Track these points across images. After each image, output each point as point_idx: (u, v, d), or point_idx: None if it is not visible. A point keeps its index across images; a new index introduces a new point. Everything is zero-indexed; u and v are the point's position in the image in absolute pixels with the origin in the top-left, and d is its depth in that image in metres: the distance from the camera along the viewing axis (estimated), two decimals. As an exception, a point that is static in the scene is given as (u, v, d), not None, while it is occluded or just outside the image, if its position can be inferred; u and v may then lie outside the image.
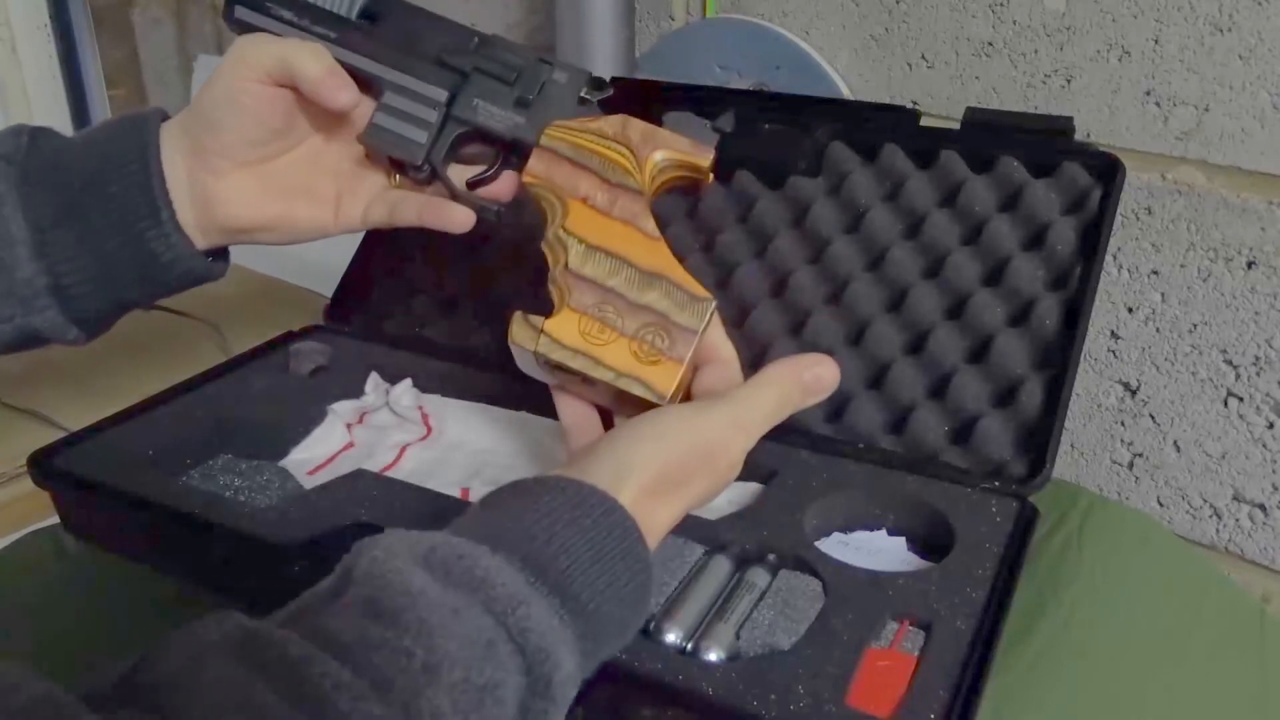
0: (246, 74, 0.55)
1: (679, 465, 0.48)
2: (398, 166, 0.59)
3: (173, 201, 0.55)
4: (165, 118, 0.57)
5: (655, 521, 0.47)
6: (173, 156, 0.56)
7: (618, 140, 0.56)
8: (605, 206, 0.55)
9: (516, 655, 0.38)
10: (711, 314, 0.54)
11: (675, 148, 0.56)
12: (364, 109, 0.58)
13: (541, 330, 0.54)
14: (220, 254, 0.60)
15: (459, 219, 0.59)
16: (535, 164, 0.57)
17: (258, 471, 0.68)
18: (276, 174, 0.58)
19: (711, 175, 0.58)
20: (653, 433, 0.49)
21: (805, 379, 0.53)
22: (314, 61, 0.55)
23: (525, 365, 0.56)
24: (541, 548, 0.41)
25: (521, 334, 0.54)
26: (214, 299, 1.06)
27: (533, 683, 0.39)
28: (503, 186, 0.60)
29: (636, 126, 0.57)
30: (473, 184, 0.59)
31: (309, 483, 0.68)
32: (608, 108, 0.58)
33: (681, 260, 0.79)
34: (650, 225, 0.55)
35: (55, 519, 0.69)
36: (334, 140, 0.60)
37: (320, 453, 0.72)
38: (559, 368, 0.54)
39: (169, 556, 0.63)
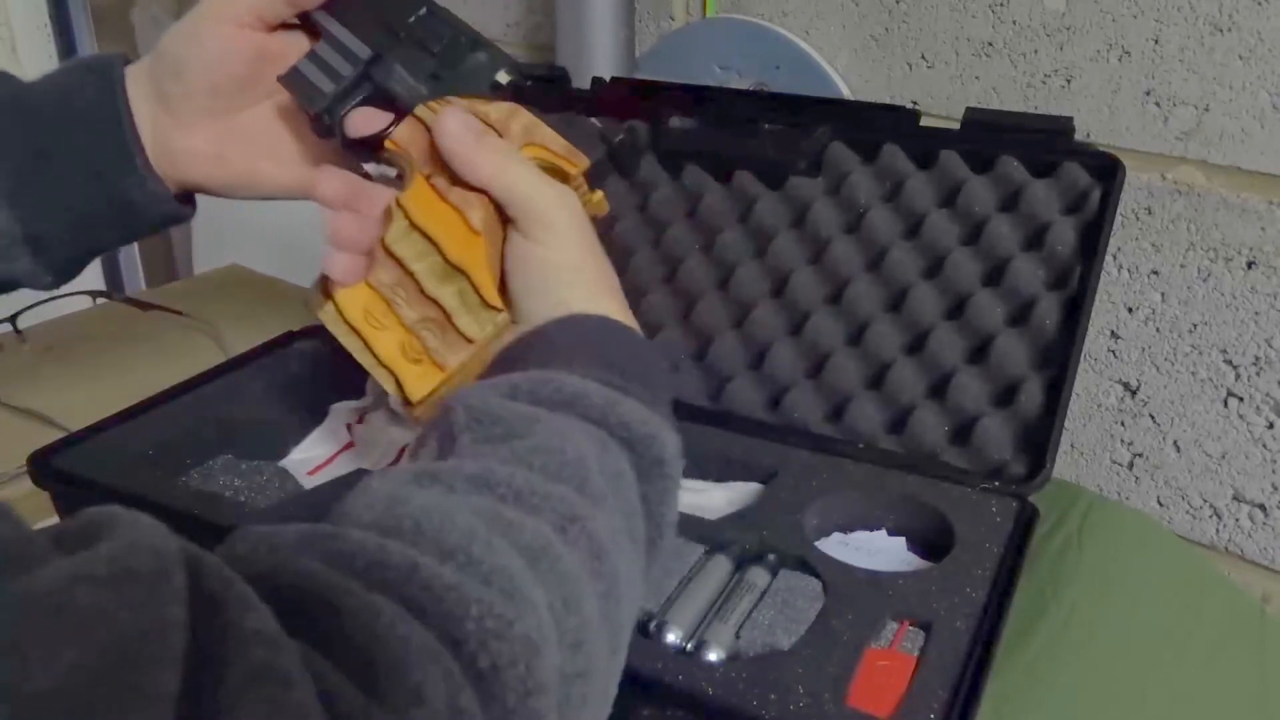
0: (223, 13, 0.54)
1: (579, 268, 0.51)
2: (303, 114, 0.58)
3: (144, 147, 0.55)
4: (127, 62, 0.57)
5: (611, 307, 0.51)
6: (138, 102, 0.55)
7: (495, 127, 0.54)
8: (443, 189, 0.52)
9: (624, 449, 0.42)
10: (500, 330, 0.51)
11: (549, 147, 0.53)
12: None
13: (331, 298, 0.52)
14: (188, 198, 0.59)
15: (362, 172, 0.58)
16: (402, 131, 0.55)
17: (258, 471, 0.68)
18: (240, 131, 0.58)
19: (598, 194, 0.55)
20: (541, 274, 0.50)
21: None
22: None
23: None
24: (596, 361, 0.46)
25: (314, 298, 0.53)
26: (214, 299, 1.06)
27: (644, 470, 0.43)
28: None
29: (522, 118, 0.54)
30: (360, 143, 0.57)
31: (309, 483, 0.68)
32: (532, 98, 0.56)
33: (679, 261, 0.79)
34: (478, 216, 0.51)
35: (55, 519, 0.69)
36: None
37: (320, 453, 0.72)
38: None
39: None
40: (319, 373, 0.80)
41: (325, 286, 0.53)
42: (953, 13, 0.86)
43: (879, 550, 0.63)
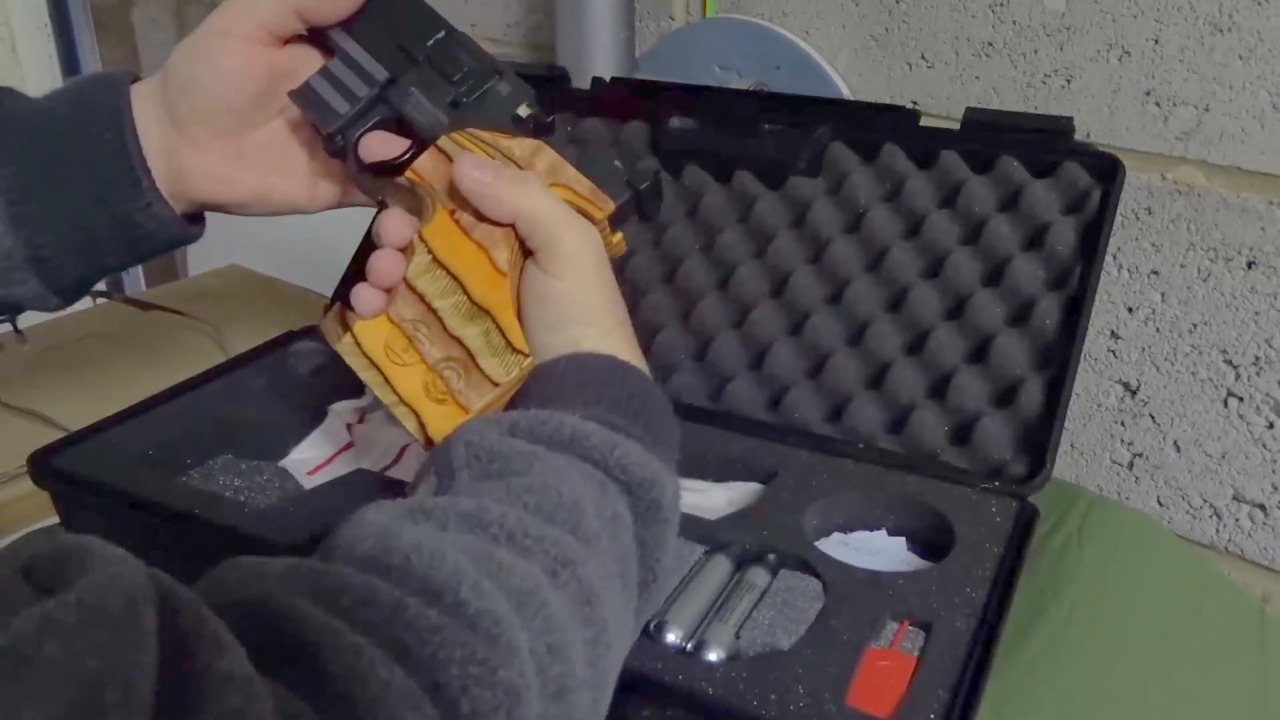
0: (233, 29, 0.53)
1: (589, 304, 0.50)
2: (316, 132, 0.57)
3: (150, 169, 0.54)
4: (135, 79, 0.55)
5: (621, 347, 0.50)
6: (147, 122, 0.54)
7: (519, 165, 0.53)
8: (468, 225, 0.51)
9: (623, 494, 0.43)
10: (525, 374, 0.50)
11: (574, 188, 0.52)
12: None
13: (350, 329, 0.51)
14: (196, 217, 0.58)
15: (375, 199, 0.57)
16: (424, 162, 0.54)
17: (258, 471, 0.68)
18: (253, 148, 0.57)
19: (619, 235, 0.54)
20: (558, 309, 0.50)
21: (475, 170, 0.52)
22: None
23: None
24: (601, 401, 0.46)
25: (330, 328, 0.52)
26: (214, 299, 1.06)
27: (641, 513, 0.43)
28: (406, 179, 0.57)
29: (547, 157, 0.53)
30: (376, 168, 0.56)
31: (309, 483, 0.68)
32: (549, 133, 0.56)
33: (679, 261, 0.79)
34: (504, 257, 0.50)
35: (55, 519, 0.69)
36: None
37: (320, 453, 0.72)
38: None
39: (169, 556, 0.63)
40: (319, 373, 0.80)
41: (343, 318, 0.52)
42: (953, 13, 0.86)
43: (879, 550, 0.63)
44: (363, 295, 0.52)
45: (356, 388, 0.77)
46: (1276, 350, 0.79)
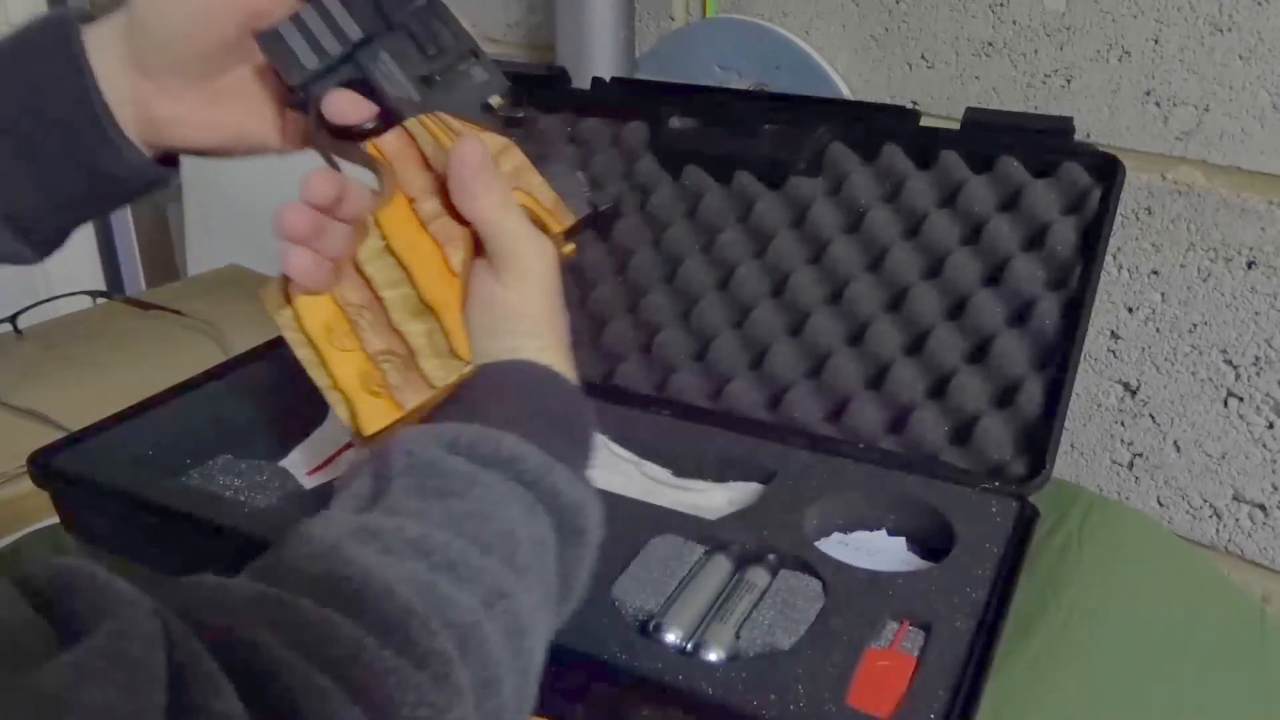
0: None
1: (538, 314, 0.50)
2: (276, 78, 0.54)
3: (116, 117, 0.51)
4: (85, 18, 0.52)
5: (557, 359, 0.50)
6: (111, 67, 0.51)
7: None
8: (427, 216, 0.50)
9: (550, 515, 0.43)
10: (462, 379, 0.49)
11: (535, 196, 0.52)
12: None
13: (290, 302, 0.50)
14: (169, 158, 0.56)
15: (330, 162, 0.55)
16: (389, 140, 0.52)
17: (257, 471, 0.68)
18: (226, 91, 0.54)
19: (570, 245, 0.53)
20: (504, 319, 0.50)
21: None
22: None
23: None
24: (537, 414, 0.46)
25: (271, 298, 0.51)
26: (214, 299, 1.06)
27: (565, 536, 0.44)
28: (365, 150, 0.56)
29: (514, 159, 0.52)
30: (339, 132, 0.54)
31: (309, 483, 0.68)
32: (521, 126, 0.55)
33: (679, 261, 0.79)
34: (459, 258, 0.49)
35: (55, 519, 0.69)
36: None
37: (320, 453, 0.72)
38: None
39: (169, 556, 0.63)
40: (319, 373, 0.80)
41: (285, 289, 0.51)
42: (953, 13, 0.86)
43: (879, 550, 0.63)
44: (303, 262, 0.50)
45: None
46: (1276, 350, 0.79)
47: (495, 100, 0.54)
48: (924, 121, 0.77)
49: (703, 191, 0.80)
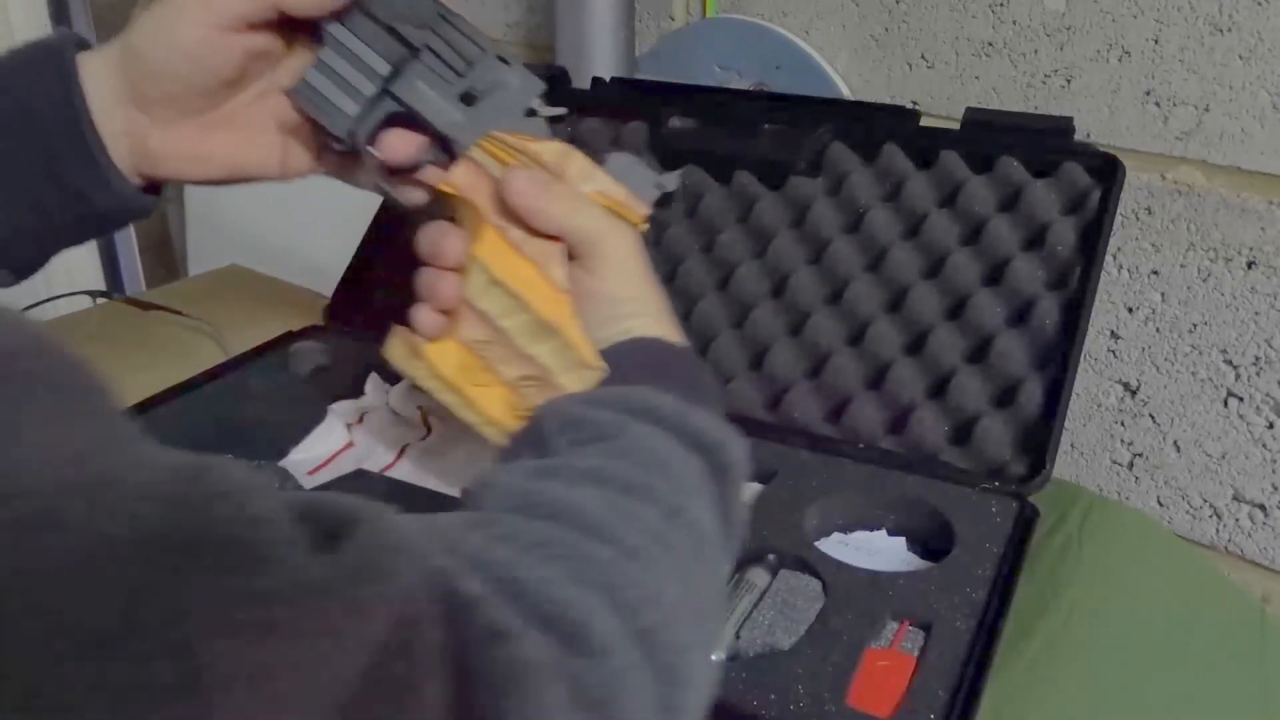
0: (203, 17, 0.50)
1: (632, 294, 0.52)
2: (321, 132, 0.54)
3: (107, 147, 0.51)
4: (81, 45, 0.51)
5: (668, 331, 0.53)
6: (105, 98, 0.51)
7: (549, 169, 0.52)
8: (518, 241, 0.51)
9: (697, 454, 0.44)
10: (597, 383, 0.50)
11: (609, 195, 0.52)
12: (305, 61, 0.54)
13: (421, 355, 0.51)
14: (154, 187, 0.56)
15: (408, 194, 0.56)
16: (460, 175, 0.53)
17: (258, 471, 0.68)
18: (221, 123, 0.54)
19: (644, 225, 0.54)
20: (608, 306, 0.52)
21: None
22: None
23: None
24: (663, 379, 0.48)
25: (398, 352, 0.52)
26: (214, 299, 1.06)
27: (716, 474, 0.45)
28: (426, 182, 0.56)
29: (576, 161, 0.52)
30: (396, 171, 0.54)
31: (309, 483, 0.68)
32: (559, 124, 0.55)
33: (679, 261, 0.79)
34: (559, 274, 0.51)
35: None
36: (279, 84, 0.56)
37: (320, 453, 0.72)
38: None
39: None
40: (319, 373, 0.80)
41: (411, 343, 0.52)
42: (953, 13, 0.86)
43: (879, 550, 0.63)
44: (425, 317, 0.52)
45: (356, 388, 0.78)
46: (1276, 350, 0.79)
47: (536, 103, 0.54)
48: (924, 121, 0.77)
49: (703, 191, 0.80)
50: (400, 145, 0.54)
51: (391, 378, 0.79)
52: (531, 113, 0.54)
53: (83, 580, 0.24)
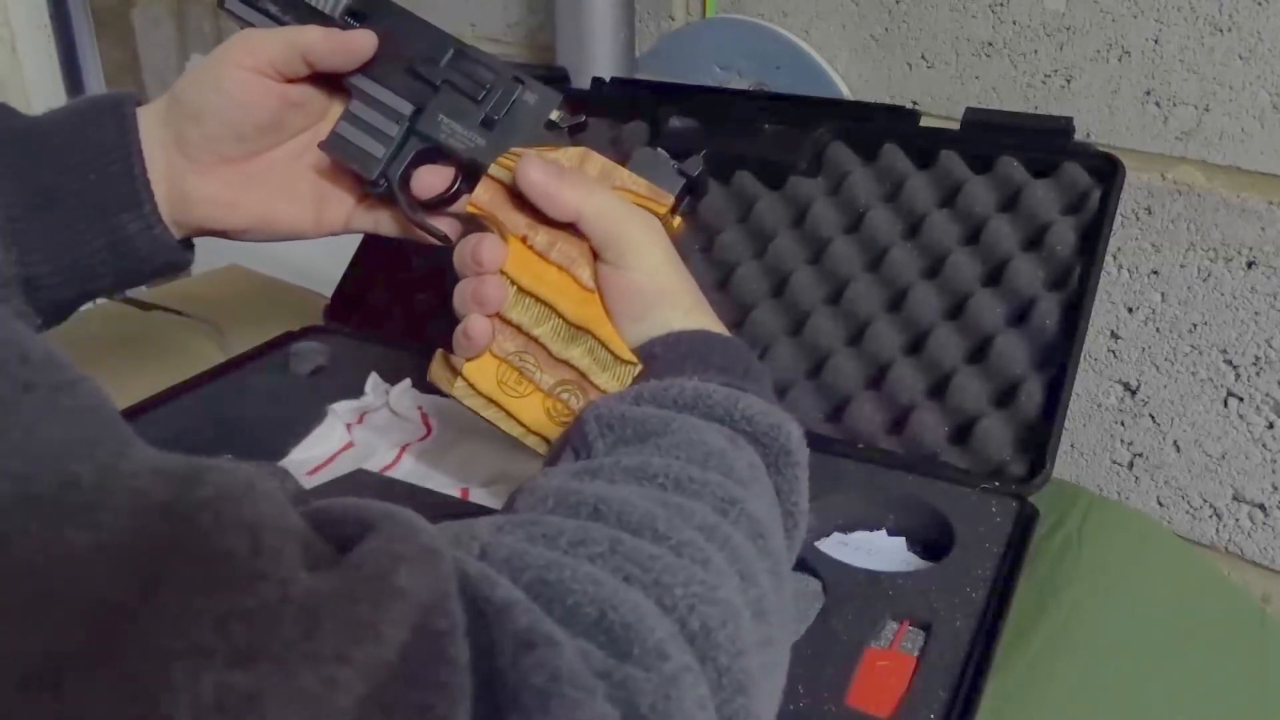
0: (244, 61, 0.53)
1: (672, 289, 0.52)
2: (355, 179, 0.57)
3: (154, 193, 0.54)
4: (138, 102, 0.55)
5: (706, 321, 0.52)
6: (152, 147, 0.54)
7: None
8: (543, 248, 0.52)
9: (751, 443, 0.44)
10: (635, 379, 0.51)
11: (632, 190, 0.53)
12: (336, 113, 0.57)
13: (459, 373, 0.52)
14: (189, 241, 0.58)
15: (442, 229, 0.57)
16: (481, 193, 0.54)
17: (260, 474, 0.68)
18: (258, 174, 0.57)
19: (678, 219, 0.55)
20: (641, 299, 0.51)
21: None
22: (316, 30, 0.54)
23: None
24: (707, 368, 0.47)
25: (440, 374, 0.53)
26: (214, 299, 1.06)
27: (773, 461, 0.44)
28: (460, 211, 0.58)
29: (595, 162, 0.54)
30: (431, 205, 0.57)
31: (309, 483, 0.68)
32: (579, 131, 0.56)
33: (684, 260, 0.79)
34: (587, 274, 0.51)
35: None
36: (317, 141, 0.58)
37: (320, 453, 0.72)
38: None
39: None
40: (319, 373, 0.80)
41: (449, 362, 0.53)
42: (953, 13, 0.86)
43: (879, 550, 0.63)
44: (475, 325, 0.52)
45: (356, 388, 0.78)
46: (1276, 350, 0.79)
47: (555, 115, 0.55)
48: (924, 121, 0.77)
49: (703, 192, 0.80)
50: (432, 180, 0.56)
51: (391, 378, 0.79)
52: (552, 125, 0.55)
53: (35, 604, 0.21)
